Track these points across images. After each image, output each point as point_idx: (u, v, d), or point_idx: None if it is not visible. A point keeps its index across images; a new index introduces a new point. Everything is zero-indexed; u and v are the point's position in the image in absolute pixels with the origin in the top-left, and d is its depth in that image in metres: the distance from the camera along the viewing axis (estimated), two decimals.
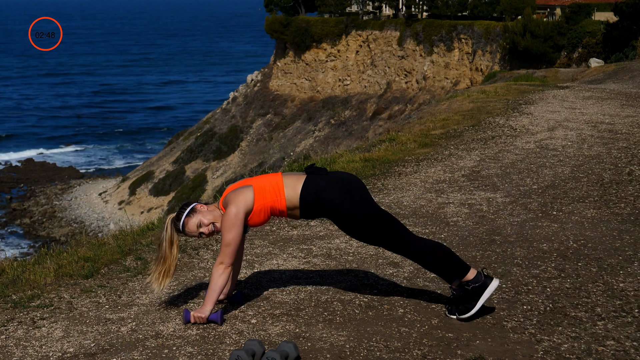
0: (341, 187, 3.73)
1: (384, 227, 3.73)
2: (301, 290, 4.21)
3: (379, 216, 3.73)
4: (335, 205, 3.71)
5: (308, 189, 3.73)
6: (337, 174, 3.82)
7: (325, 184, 3.74)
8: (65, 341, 3.62)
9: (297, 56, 45.42)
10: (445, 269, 3.76)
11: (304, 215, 3.80)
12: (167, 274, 3.78)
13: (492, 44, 36.24)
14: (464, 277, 3.76)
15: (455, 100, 12.47)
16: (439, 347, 3.51)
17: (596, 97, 12.38)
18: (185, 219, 3.79)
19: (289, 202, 3.75)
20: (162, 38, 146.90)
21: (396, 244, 3.76)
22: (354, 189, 3.75)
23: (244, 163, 42.73)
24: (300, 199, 3.73)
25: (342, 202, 3.70)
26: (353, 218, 3.71)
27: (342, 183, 3.75)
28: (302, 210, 3.76)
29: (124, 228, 5.76)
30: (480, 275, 3.76)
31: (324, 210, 3.74)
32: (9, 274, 4.54)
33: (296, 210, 3.77)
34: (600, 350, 3.45)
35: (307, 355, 3.42)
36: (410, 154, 8.05)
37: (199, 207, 3.82)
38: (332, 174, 3.81)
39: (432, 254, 3.76)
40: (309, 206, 3.74)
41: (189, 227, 3.80)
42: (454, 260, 3.77)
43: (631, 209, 5.75)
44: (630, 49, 25.80)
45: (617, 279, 4.32)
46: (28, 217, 40.02)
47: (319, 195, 3.72)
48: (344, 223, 3.75)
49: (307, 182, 3.75)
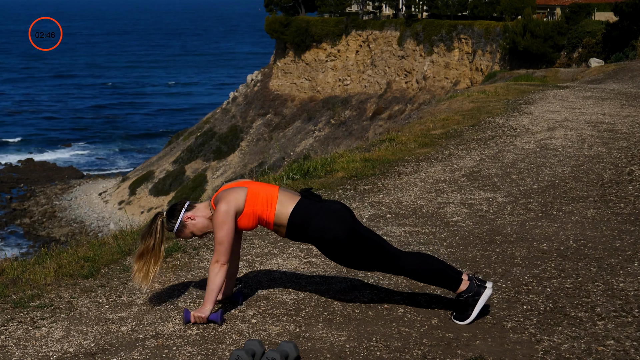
0: (330, 218, 3.71)
1: (371, 251, 3.72)
2: (301, 290, 4.21)
3: (364, 241, 3.72)
4: (320, 233, 3.69)
5: (299, 212, 3.72)
6: (330, 204, 3.79)
7: (316, 211, 3.72)
8: (65, 341, 3.62)
9: (297, 56, 45.43)
10: (439, 284, 3.79)
11: (289, 236, 3.80)
12: (156, 271, 3.78)
13: (492, 44, 36.25)
14: (457, 290, 3.78)
15: (455, 100, 12.48)
16: (439, 347, 3.51)
17: (596, 97, 12.39)
18: (179, 228, 3.83)
19: (277, 218, 3.74)
20: (164, 38, 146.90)
21: (388, 268, 3.77)
22: (341, 219, 3.72)
23: (244, 163, 42.72)
24: (289, 219, 3.72)
25: (328, 232, 3.68)
26: (338, 246, 3.70)
27: (331, 214, 3.73)
28: (288, 231, 3.76)
29: (124, 228, 5.75)
30: (472, 285, 3.76)
31: (309, 238, 3.74)
32: (9, 274, 4.54)
33: (282, 228, 3.77)
34: (600, 350, 3.45)
35: (307, 355, 3.42)
36: (410, 154, 8.05)
37: (191, 216, 3.82)
38: (325, 203, 3.79)
39: (423, 274, 3.76)
40: (296, 229, 3.74)
41: (184, 234, 3.87)
42: (445, 276, 3.76)
43: (631, 209, 5.75)
44: (630, 48, 25.79)
45: (617, 279, 4.32)
46: (28, 217, 40.02)
47: (307, 221, 3.71)
48: (330, 251, 3.74)
49: (299, 204, 3.74)
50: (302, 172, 7.21)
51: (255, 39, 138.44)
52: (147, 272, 3.75)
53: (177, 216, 3.82)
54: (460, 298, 3.78)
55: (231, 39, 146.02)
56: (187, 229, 3.84)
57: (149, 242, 3.75)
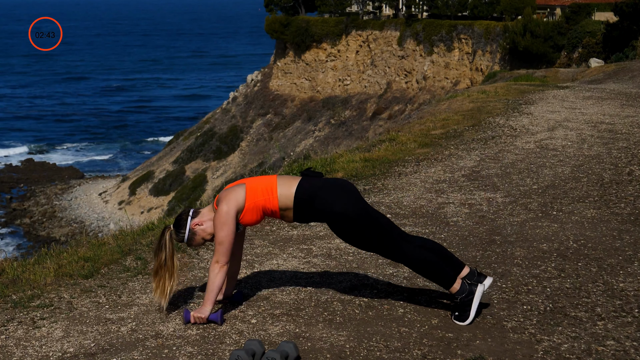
0: (336, 189, 3.72)
1: (376, 232, 3.72)
2: (301, 290, 4.21)
3: (372, 220, 3.72)
4: (329, 204, 3.69)
5: (303, 188, 3.72)
6: (333, 178, 3.83)
7: (321, 184, 3.74)
8: (65, 341, 3.62)
9: (297, 56, 45.43)
10: (435, 280, 3.80)
11: (297, 217, 3.77)
12: (172, 285, 3.79)
13: (492, 44, 36.25)
14: (449, 288, 3.79)
15: (455, 100, 12.48)
16: (439, 347, 3.51)
17: (596, 97, 12.39)
18: (189, 236, 3.83)
19: (282, 203, 3.73)
20: (165, 38, 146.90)
21: (388, 251, 3.76)
22: (348, 192, 3.74)
23: (244, 163, 42.72)
24: (295, 197, 3.71)
25: (336, 203, 3.69)
26: (346, 220, 3.69)
27: (337, 186, 3.75)
28: (296, 211, 3.74)
29: (124, 228, 5.75)
30: (464, 285, 3.77)
31: (317, 211, 3.72)
32: (9, 274, 4.54)
33: (289, 211, 3.75)
34: (600, 350, 3.45)
35: (307, 355, 3.42)
36: (410, 154, 8.05)
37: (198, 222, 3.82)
38: (328, 178, 3.83)
39: (422, 265, 3.76)
40: (303, 205, 3.71)
41: (196, 242, 3.87)
42: (440, 274, 3.76)
43: (631, 209, 5.75)
44: (630, 49, 25.80)
45: (617, 279, 4.32)
46: (28, 217, 40.02)
47: (313, 194, 3.70)
48: (338, 225, 3.73)
49: (302, 181, 3.75)
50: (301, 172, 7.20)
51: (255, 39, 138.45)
52: (163, 287, 3.75)
53: (184, 225, 3.81)
54: (455, 300, 3.81)
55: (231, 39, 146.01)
56: (198, 235, 3.84)
57: (161, 256, 3.76)
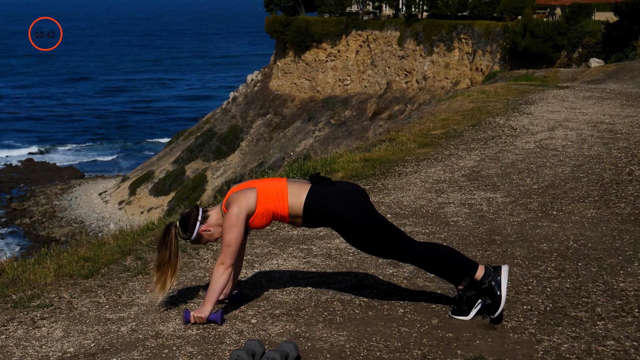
0: (344, 199, 3.72)
1: (388, 239, 3.73)
2: (301, 290, 4.20)
3: (382, 228, 3.73)
4: (337, 215, 3.71)
5: (312, 199, 3.73)
6: (341, 185, 3.81)
7: (328, 194, 3.74)
8: (65, 341, 3.62)
9: (297, 56, 45.42)
10: (449, 276, 3.80)
11: (306, 224, 3.81)
12: (173, 282, 3.81)
13: (492, 44, 36.25)
14: (459, 285, 3.80)
15: (455, 100, 12.48)
16: (439, 347, 3.50)
17: (596, 97, 12.39)
18: (197, 235, 3.84)
19: (292, 210, 3.75)
20: (166, 38, 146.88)
21: (402, 254, 3.77)
22: (357, 200, 3.74)
23: (244, 163, 42.72)
24: (304, 208, 3.73)
25: (344, 213, 3.70)
26: (356, 229, 3.72)
27: (345, 194, 3.74)
28: (305, 219, 3.77)
29: (124, 228, 5.75)
30: (489, 269, 3.79)
31: (326, 221, 3.75)
32: (9, 274, 4.54)
33: (298, 219, 3.78)
34: (600, 350, 3.45)
35: (307, 355, 3.42)
36: (410, 154, 8.05)
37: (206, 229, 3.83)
38: (336, 184, 3.81)
39: (435, 262, 3.77)
40: (312, 215, 3.74)
41: (200, 243, 3.90)
42: (456, 268, 3.77)
43: (631, 209, 5.75)
44: (630, 49, 25.79)
45: (617, 279, 4.32)
46: (28, 217, 40.02)
47: (322, 205, 3.72)
48: (347, 234, 3.75)
49: (311, 191, 3.75)
50: (302, 172, 7.21)
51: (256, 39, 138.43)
52: (164, 283, 3.77)
53: (192, 230, 3.82)
54: (460, 292, 3.82)
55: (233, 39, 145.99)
56: (204, 238, 3.88)
57: (165, 254, 3.77)
